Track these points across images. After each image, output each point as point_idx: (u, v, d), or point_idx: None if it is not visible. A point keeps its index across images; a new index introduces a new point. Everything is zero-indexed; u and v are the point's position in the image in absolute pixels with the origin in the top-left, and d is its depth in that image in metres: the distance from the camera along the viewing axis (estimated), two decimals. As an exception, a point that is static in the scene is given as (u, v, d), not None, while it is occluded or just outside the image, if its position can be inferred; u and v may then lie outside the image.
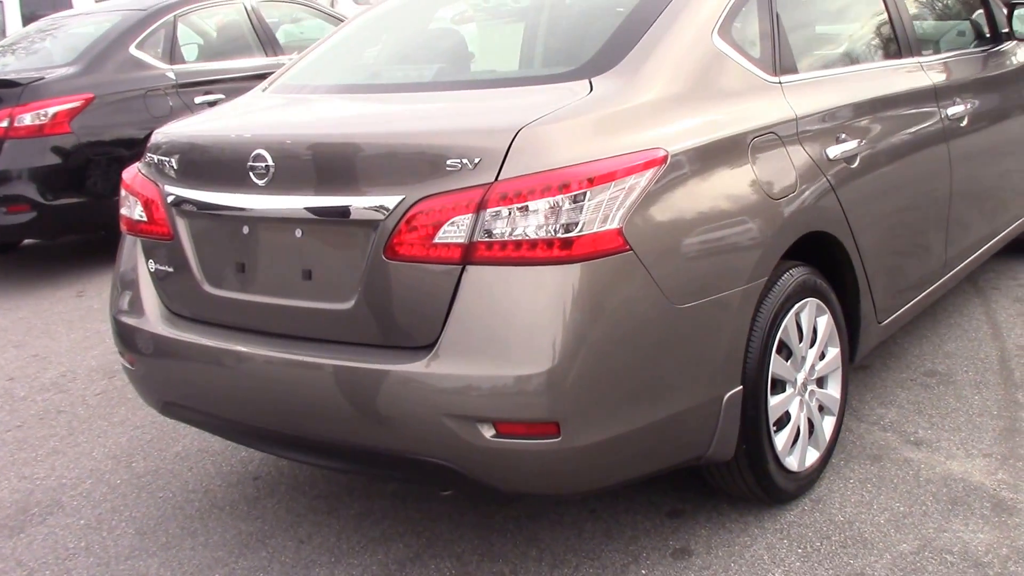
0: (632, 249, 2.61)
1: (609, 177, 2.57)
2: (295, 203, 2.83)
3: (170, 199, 3.14)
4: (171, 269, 3.19)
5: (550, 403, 2.55)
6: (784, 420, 3.20)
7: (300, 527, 3.47)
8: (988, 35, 4.76)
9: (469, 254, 2.59)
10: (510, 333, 2.57)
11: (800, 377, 3.24)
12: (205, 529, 3.52)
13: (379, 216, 2.68)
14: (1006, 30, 4.82)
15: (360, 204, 2.72)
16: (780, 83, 3.25)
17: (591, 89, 2.81)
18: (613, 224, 2.57)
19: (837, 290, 3.42)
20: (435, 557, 3.21)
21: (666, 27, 3.00)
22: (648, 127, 2.77)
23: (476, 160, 2.58)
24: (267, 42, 8.49)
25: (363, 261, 2.74)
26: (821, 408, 3.39)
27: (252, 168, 2.89)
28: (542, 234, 2.54)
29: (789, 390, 3.20)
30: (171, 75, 7.64)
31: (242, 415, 3.04)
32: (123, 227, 3.43)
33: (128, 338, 3.35)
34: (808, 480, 3.33)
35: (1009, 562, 2.92)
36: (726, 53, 3.11)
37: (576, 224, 2.53)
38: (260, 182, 2.88)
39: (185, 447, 4.17)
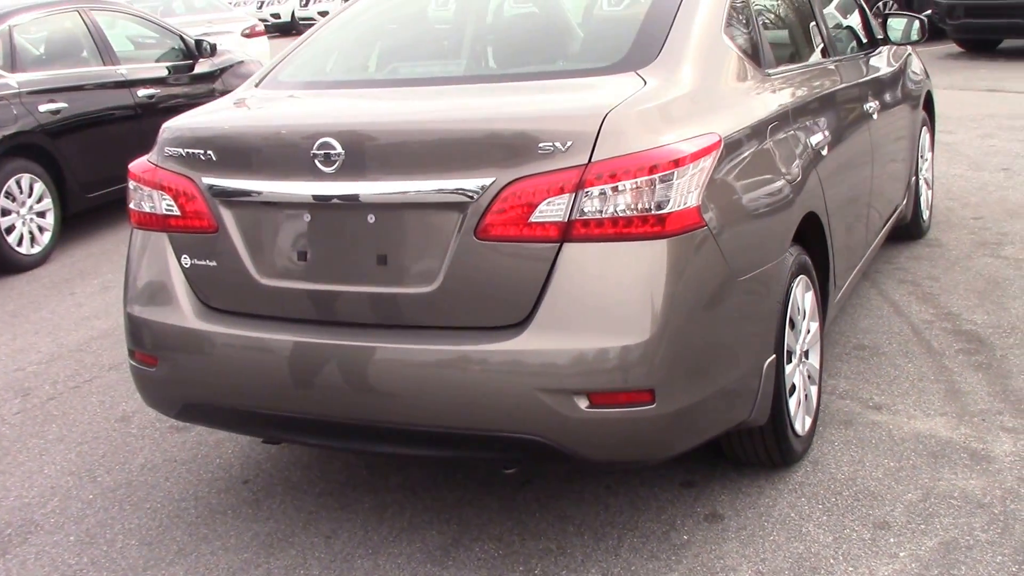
0: (707, 225, 2.78)
1: (688, 159, 2.73)
2: (371, 188, 2.84)
3: (213, 190, 3.06)
4: (213, 263, 3.10)
5: (647, 371, 2.69)
6: (792, 388, 3.44)
7: (319, 524, 3.42)
8: (865, 40, 5.22)
9: (567, 232, 2.69)
10: (608, 306, 2.69)
11: (798, 348, 3.50)
12: (216, 534, 3.42)
13: (469, 198, 2.73)
14: (880, 36, 5.32)
15: (448, 187, 2.76)
16: (770, 76, 3.51)
17: (644, 81, 2.95)
18: (693, 202, 2.74)
19: None
20: (475, 540, 3.26)
21: (686, 25, 3.19)
22: (699, 115, 2.96)
23: (568, 143, 2.69)
24: (104, 50, 8.16)
25: (448, 243, 2.78)
26: (809, 376, 3.65)
27: (316, 156, 2.86)
28: (636, 212, 2.67)
29: (794, 360, 3.45)
30: (13, 83, 7.22)
31: (297, 407, 2.99)
32: (137, 222, 3.30)
33: (151, 336, 3.22)
34: (807, 443, 3.59)
35: (1007, 501, 3.25)
36: (733, 49, 3.34)
37: (667, 201, 2.68)
38: (328, 169, 2.86)
39: (148, 458, 4.01)
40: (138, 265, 3.32)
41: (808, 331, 3.61)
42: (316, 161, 2.88)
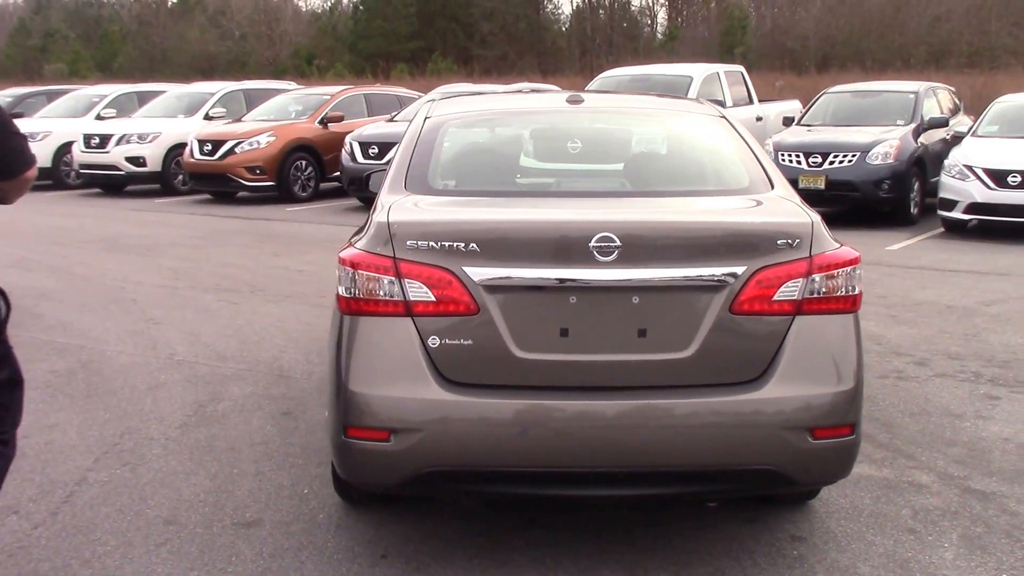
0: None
1: (858, 259, 3.82)
2: (644, 275, 3.60)
3: (479, 279, 3.59)
4: (469, 341, 3.61)
5: (853, 410, 3.72)
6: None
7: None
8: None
9: (799, 307, 3.67)
10: (827, 363, 3.71)
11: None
12: None
13: (729, 281, 3.60)
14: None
15: (711, 273, 3.62)
16: None
17: (793, 202, 4.00)
18: (859, 288, 3.81)
19: None
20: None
21: (763, 160, 4.35)
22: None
23: (797, 241, 3.69)
24: None
25: (703, 317, 3.62)
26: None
27: (595, 248, 3.56)
28: (841, 293, 3.72)
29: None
30: None
31: (556, 462, 3.59)
32: (360, 310, 3.67)
33: (387, 412, 3.62)
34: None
35: (966, 504, 4.56)
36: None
37: (853, 287, 3.77)
38: (605, 259, 3.57)
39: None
40: (365, 348, 3.67)
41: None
42: (595, 252, 3.57)
